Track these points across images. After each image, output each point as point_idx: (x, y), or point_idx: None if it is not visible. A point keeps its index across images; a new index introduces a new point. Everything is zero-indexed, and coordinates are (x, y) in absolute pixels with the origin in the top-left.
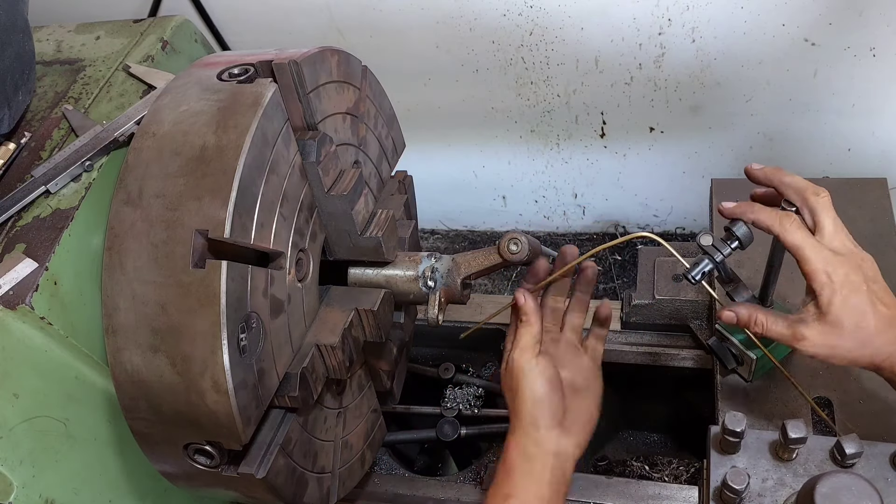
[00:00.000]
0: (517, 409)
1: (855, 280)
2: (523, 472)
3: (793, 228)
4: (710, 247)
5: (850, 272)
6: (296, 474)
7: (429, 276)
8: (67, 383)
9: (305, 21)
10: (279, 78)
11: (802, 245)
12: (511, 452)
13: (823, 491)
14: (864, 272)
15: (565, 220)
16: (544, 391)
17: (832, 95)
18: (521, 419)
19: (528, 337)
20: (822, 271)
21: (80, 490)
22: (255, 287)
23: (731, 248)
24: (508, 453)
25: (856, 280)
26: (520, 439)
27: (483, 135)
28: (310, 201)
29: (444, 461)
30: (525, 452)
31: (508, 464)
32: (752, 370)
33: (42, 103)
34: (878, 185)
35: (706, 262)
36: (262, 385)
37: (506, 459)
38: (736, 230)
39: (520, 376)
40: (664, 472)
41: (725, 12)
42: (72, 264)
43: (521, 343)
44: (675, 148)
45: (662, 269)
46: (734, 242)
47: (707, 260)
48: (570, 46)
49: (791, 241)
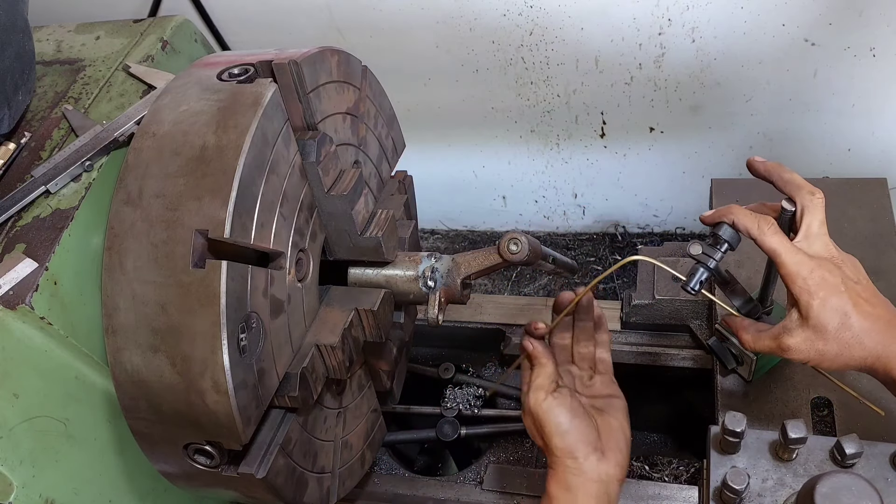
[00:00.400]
0: (549, 447)
1: (832, 281)
2: (565, 502)
3: (770, 232)
4: (702, 255)
5: (826, 274)
6: (296, 474)
7: (429, 276)
8: (67, 383)
9: (305, 21)
10: (279, 78)
11: (778, 249)
12: (552, 488)
13: (823, 491)
14: (844, 273)
15: (565, 220)
16: (568, 421)
17: (832, 95)
18: (555, 454)
19: (543, 377)
20: (798, 275)
21: (80, 490)
22: (255, 287)
23: (721, 252)
24: (550, 489)
25: (833, 281)
26: (559, 474)
27: (483, 135)
28: (310, 201)
29: (444, 461)
30: (566, 485)
31: (550, 495)
32: (752, 370)
33: (42, 103)
34: (878, 185)
35: (701, 270)
36: (262, 385)
37: (548, 492)
38: (721, 233)
39: (540, 414)
40: (664, 472)
41: (725, 12)
42: (72, 264)
43: (536, 383)
44: (675, 148)
45: (662, 269)
46: (723, 245)
47: (701, 269)
48: (570, 46)
49: (768, 245)
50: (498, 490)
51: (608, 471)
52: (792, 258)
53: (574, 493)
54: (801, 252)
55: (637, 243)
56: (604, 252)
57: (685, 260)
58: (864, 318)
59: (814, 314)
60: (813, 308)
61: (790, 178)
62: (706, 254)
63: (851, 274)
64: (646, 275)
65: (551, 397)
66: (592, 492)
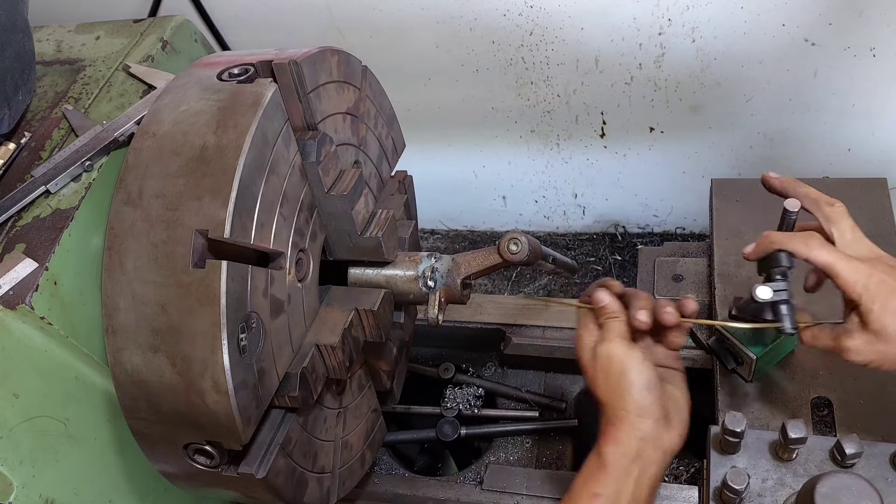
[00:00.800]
0: (620, 402)
1: (891, 283)
2: (622, 470)
3: (817, 246)
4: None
5: (884, 277)
6: (296, 474)
7: (429, 276)
8: (67, 383)
9: (305, 21)
10: (279, 78)
11: (831, 261)
12: (610, 453)
13: (823, 491)
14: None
15: (565, 220)
16: (652, 378)
17: (832, 95)
18: (626, 410)
19: (621, 327)
20: (856, 282)
21: (80, 490)
22: (255, 287)
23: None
24: (605, 447)
25: (892, 283)
26: (622, 436)
27: (483, 135)
28: (310, 201)
29: (444, 461)
30: (626, 447)
31: (604, 458)
32: (752, 370)
33: (42, 103)
34: (878, 185)
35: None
36: (262, 385)
37: (601, 453)
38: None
39: (622, 365)
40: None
41: (725, 12)
42: (72, 264)
43: (615, 332)
44: (675, 148)
45: (662, 269)
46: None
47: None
48: (570, 46)
49: (819, 260)
50: (498, 490)
51: (672, 441)
52: (846, 265)
53: (634, 463)
54: (853, 259)
55: (637, 243)
56: (604, 252)
57: (684, 260)
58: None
59: (874, 318)
60: (874, 312)
61: (806, 192)
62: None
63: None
64: (646, 275)
65: (636, 349)
66: (656, 459)
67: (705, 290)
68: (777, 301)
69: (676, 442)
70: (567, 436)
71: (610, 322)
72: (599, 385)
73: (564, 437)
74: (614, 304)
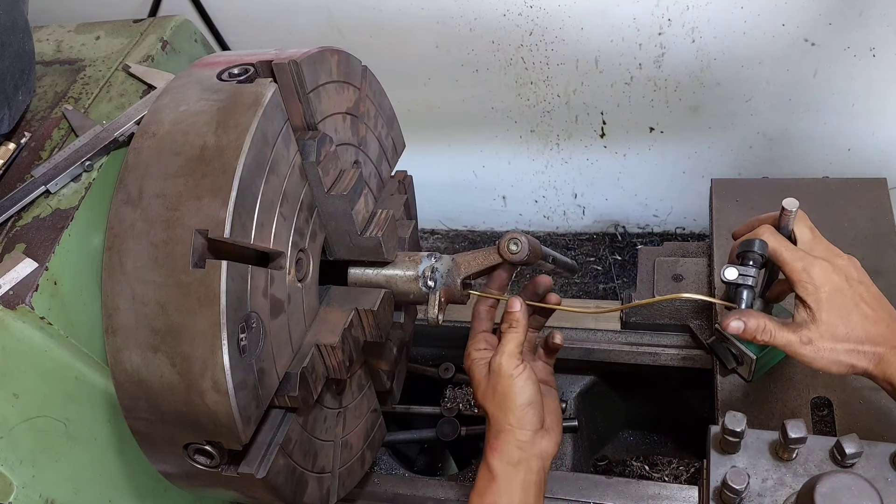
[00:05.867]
0: (502, 414)
1: (836, 279)
2: (508, 477)
3: (767, 232)
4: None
5: (829, 272)
6: (296, 474)
7: (429, 276)
8: (67, 383)
9: (305, 21)
10: (279, 78)
11: (778, 248)
12: (494, 459)
13: (823, 491)
14: (847, 272)
15: (565, 220)
16: (534, 394)
17: (832, 95)
18: (508, 423)
19: (515, 343)
20: (802, 270)
21: (80, 490)
22: (255, 287)
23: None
24: (492, 459)
25: (836, 279)
26: (504, 447)
27: (483, 135)
28: (310, 201)
29: (443, 461)
30: (509, 457)
31: (493, 470)
32: (752, 370)
33: (42, 103)
34: (878, 185)
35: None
36: (262, 385)
37: (489, 466)
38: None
39: (509, 381)
40: (664, 472)
41: (725, 12)
42: (72, 264)
43: (508, 349)
44: (675, 148)
45: (662, 268)
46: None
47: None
48: (570, 46)
49: (770, 242)
50: None
51: (548, 448)
52: (793, 255)
53: (517, 469)
54: (801, 251)
55: (637, 243)
56: (604, 252)
57: (684, 260)
58: (863, 319)
59: (822, 312)
60: (821, 304)
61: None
62: (745, 275)
63: (854, 274)
64: (646, 275)
65: (523, 366)
66: (535, 467)
67: (705, 290)
68: (740, 284)
69: (552, 448)
70: (567, 436)
71: (509, 334)
72: (488, 400)
73: (564, 437)
74: (523, 314)
